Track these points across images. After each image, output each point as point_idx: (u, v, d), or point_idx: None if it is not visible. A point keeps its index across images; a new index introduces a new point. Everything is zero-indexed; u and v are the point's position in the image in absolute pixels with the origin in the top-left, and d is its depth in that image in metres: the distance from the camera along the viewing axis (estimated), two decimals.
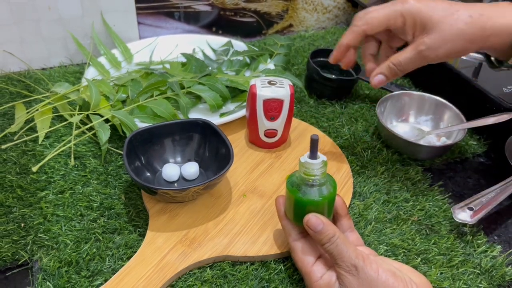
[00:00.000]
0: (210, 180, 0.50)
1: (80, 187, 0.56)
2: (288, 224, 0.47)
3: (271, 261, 0.49)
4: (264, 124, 0.60)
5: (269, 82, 0.60)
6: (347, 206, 0.56)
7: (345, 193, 0.57)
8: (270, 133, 0.61)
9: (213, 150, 0.57)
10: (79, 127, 0.64)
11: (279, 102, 0.58)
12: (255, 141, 0.63)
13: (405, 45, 0.51)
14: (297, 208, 0.44)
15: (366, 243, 0.52)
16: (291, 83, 0.60)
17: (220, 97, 0.67)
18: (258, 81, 0.60)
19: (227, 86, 0.69)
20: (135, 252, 0.48)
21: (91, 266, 0.48)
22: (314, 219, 0.43)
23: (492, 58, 0.53)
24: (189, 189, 0.49)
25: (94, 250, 0.49)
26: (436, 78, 0.76)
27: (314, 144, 0.42)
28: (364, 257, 0.40)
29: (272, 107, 0.59)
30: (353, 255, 0.40)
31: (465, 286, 0.48)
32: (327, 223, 0.42)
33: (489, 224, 0.57)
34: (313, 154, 0.43)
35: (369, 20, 0.49)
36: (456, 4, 0.47)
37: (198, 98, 0.70)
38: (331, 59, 0.55)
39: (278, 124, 0.60)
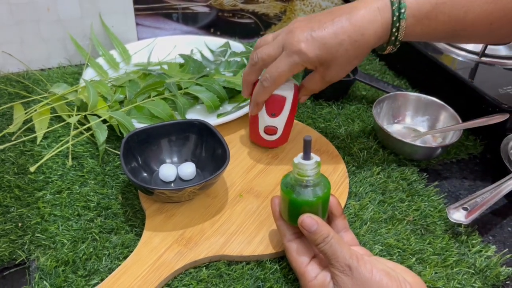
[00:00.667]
0: (206, 180, 0.50)
1: (78, 187, 0.57)
2: (282, 224, 0.47)
3: (267, 260, 0.50)
4: (264, 119, 0.60)
5: None
6: (343, 206, 0.56)
7: (341, 193, 0.57)
8: (270, 130, 0.60)
9: (209, 150, 0.58)
10: (77, 128, 0.64)
11: (282, 98, 0.58)
12: (255, 138, 0.63)
13: None
14: (292, 208, 0.45)
15: (361, 243, 0.52)
16: (296, 83, 0.60)
17: (217, 97, 0.68)
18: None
19: (224, 87, 0.69)
20: (131, 251, 0.49)
21: (87, 265, 0.48)
22: (308, 220, 0.43)
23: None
24: (185, 189, 0.50)
25: (91, 249, 0.49)
26: (432, 79, 0.76)
27: (307, 145, 0.43)
28: (358, 257, 0.41)
29: (274, 103, 0.58)
30: (347, 255, 0.41)
31: (459, 285, 0.48)
32: (321, 224, 0.43)
33: (484, 224, 0.57)
34: (306, 155, 0.43)
35: (277, 79, 0.54)
36: (339, 23, 0.51)
37: (195, 99, 0.70)
38: (245, 94, 0.60)
39: (279, 122, 0.60)
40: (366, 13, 0.51)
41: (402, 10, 0.50)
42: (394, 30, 0.51)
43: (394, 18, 0.50)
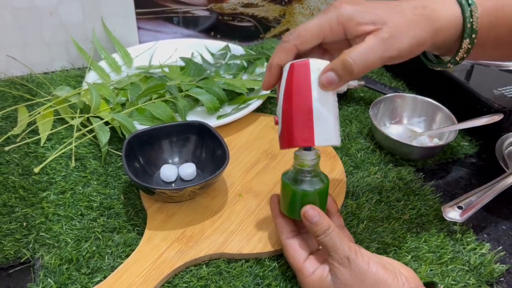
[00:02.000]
0: (206, 180, 0.51)
1: (81, 188, 0.58)
2: (281, 222, 0.48)
3: (265, 258, 0.51)
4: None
5: None
6: (340, 205, 0.57)
7: (338, 192, 0.59)
8: (276, 119, 0.46)
9: (209, 151, 0.59)
10: (80, 130, 0.65)
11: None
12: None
13: None
14: (292, 200, 0.46)
15: (358, 241, 0.53)
16: (323, 61, 0.44)
17: (217, 99, 0.69)
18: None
19: (224, 89, 0.71)
20: (133, 250, 0.50)
21: (90, 263, 0.49)
22: (311, 211, 0.44)
23: (429, 56, 0.50)
24: (185, 189, 0.51)
25: (94, 248, 0.51)
26: (429, 81, 0.78)
27: None
28: (356, 250, 0.42)
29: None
30: (347, 247, 0.42)
31: (454, 282, 0.49)
32: (323, 216, 0.44)
33: (479, 222, 0.58)
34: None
35: (301, 32, 0.42)
36: (391, 2, 0.42)
37: (196, 101, 0.71)
38: (264, 86, 0.46)
39: (278, 108, 0.45)
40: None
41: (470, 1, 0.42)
42: (467, 14, 0.42)
43: (463, 1, 0.42)
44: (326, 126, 0.42)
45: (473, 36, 0.42)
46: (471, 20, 0.42)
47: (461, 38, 0.43)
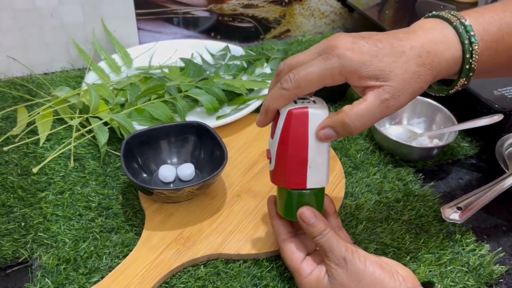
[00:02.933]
0: (204, 181, 0.51)
1: (79, 188, 0.58)
2: (278, 224, 0.48)
3: (263, 259, 0.51)
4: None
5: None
6: (339, 206, 0.57)
7: (337, 193, 0.58)
8: (267, 153, 0.47)
9: (208, 151, 0.59)
10: (79, 130, 0.65)
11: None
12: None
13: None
14: (288, 202, 0.46)
15: (357, 242, 0.53)
16: (322, 107, 0.44)
17: (216, 100, 0.69)
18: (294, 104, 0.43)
19: (223, 90, 0.71)
20: (131, 250, 0.50)
21: (88, 263, 0.49)
22: (307, 212, 0.44)
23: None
24: (183, 189, 0.51)
25: (92, 248, 0.51)
26: None
27: None
28: (353, 250, 0.42)
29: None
30: (343, 248, 0.42)
31: (452, 283, 0.49)
32: (319, 217, 0.44)
33: (479, 223, 0.58)
34: None
35: (302, 83, 0.40)
36: (396, 39, 0.40)
37: (195, 102, 0.71)
38: (259, 124, 0.46)
39: (272, 144, 0.46)
40: (428, 34, 0.41)
41: (472, 33, 0.41)
42: (467, 55, 0.41)
43: (465, 41, 0.41)
44: (319, 172, 0.44)
45: (470, 74, 0.42)
46: (470, 61, 0.41)
47: (459, 75, 0.42)
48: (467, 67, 0.41)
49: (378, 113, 0.40)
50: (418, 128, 0.71)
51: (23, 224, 0.53)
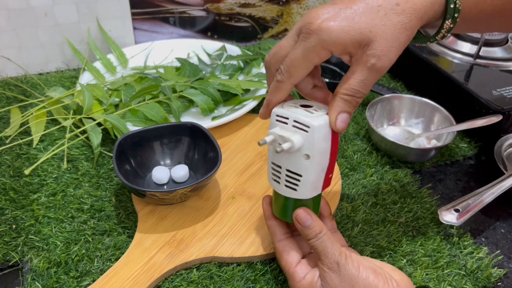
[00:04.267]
0: (197, 182, 0.50)
1: (72, 190, 0.57)
2: (273, 224, 0.47)
3: (257, 262, 0.50)
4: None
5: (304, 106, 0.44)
6: (335, 208, 0.56)
7: (333, 195, 0.58)
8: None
9: (202, 153, 0.58)
10: (73, 131, 0.65)
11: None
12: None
13: None
14: (284, 203, 0.45)
15: (352, 245, 0.52)
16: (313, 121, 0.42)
17: (212, 101, 0.68)
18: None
19: (219, 90, 0.70)
20: (123, 253, 0.49)
21: (79, 266, 0.48)
22: (303, 214, 0.43)
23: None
24: (176, 191, 0.50)
25: (83, 251, 0.50)
26: (428, 81, 0.77)
27: None
28: (346, 255, 0.41)
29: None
30: (337, 252, 0.41)
31: (450, 287, 0.48)
32: (315, 219, 0.43)
33: (477, 226, 0.57)
34: None
35: (291, 71, 0.40)
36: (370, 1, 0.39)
37: (191, 102, 0.71)
38: (262, 116, 0.45)
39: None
40: None
41: None
42: None
43: None
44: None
45: (456, 15, 0.40)
46: (454, 0, 0.40)
47: (444, 17, 0.41)
48: (451, 6, 0.40)
49: (370, 79, 0.39)
50: (416, 129, 0.70)
51: (14, 226, 0.52)
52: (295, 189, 0.43)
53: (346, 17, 0.38)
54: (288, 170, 0.43)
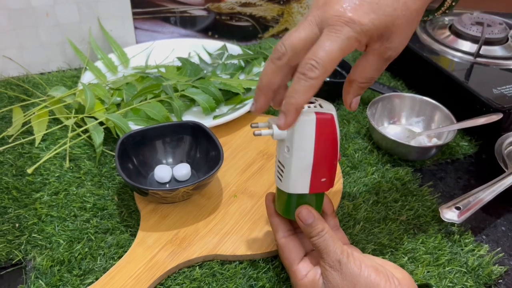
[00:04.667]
0: (199, 181, 0.51)
1: (75, 189, 0.58)
2: (276, 221, 0.47)
3: (259, 260, 0.50)
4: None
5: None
6: (337, 206, 0.57)
7: (335, 193, 0.58)
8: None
9: (204, 151, 0.58)
10: (75, 130, 0.65)
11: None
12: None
13: None
14: (288, 201, 0.45)
15: (354, 243, 0.52)
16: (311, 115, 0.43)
17: (213, 100, 0.68)
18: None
19: (220, 89, 0.70)
20: (126, 251, 0.49)
21: (82, 265, 0.49)
22: (305, 212, 0.43)
23: None
24: (178, 189, 0.50)
25: (86, 249, 0.50)
26: (428, 80, 0.77)
27: None
28: (348, 253, 0.41)
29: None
30: (339, 250, 0.41)
31: (451, 284, 0.49)
32: (318, 217, 0.43)
33: (478, 223, 0.57)
34: None
35: (328, 66, 0.37)
36: None
37: (192, 101, 0.71)
38: (257, 106, 0.43)
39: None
40: None
41: None
42: None
43: None
44: None
45: None
46: None
47: None
48: None
49: (384, 67, 0.41)
50: (416, 127, 0.70)
51: (17, 225, 0.53)
52: (280, 180, 0.45)
53: (372, 8, 0.37)
54: (278, 161, 0.45)
